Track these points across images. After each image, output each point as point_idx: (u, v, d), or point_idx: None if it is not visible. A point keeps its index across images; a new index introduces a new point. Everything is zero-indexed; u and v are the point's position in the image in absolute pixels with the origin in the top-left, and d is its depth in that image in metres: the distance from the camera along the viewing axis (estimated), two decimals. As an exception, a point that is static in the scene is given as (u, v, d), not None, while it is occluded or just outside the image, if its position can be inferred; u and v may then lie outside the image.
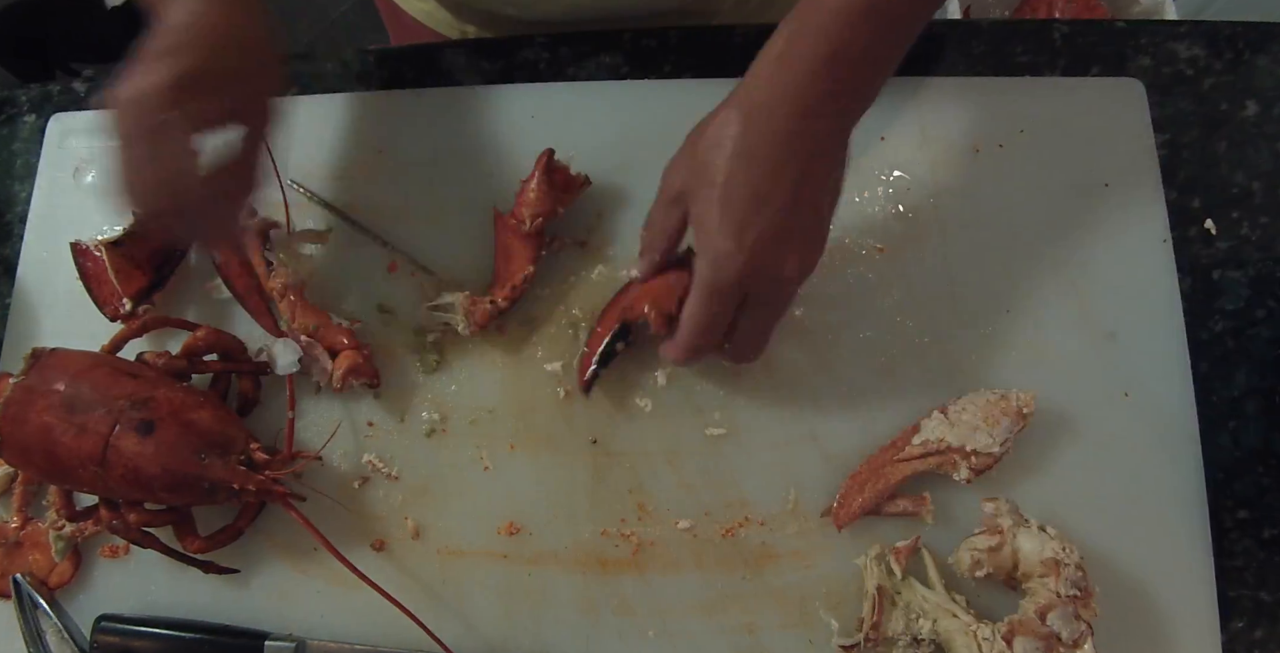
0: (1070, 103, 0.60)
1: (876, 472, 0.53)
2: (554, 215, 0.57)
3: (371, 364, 0.57)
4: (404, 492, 0.57)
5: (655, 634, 0.53)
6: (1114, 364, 0.56)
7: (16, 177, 0.68)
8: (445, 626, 0.53)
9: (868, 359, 0.56)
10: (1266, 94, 0.61)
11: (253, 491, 0.52)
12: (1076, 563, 0.48)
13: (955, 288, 0.57)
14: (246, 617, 0.55)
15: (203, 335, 0.57)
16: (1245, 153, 0.60)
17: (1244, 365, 0.57)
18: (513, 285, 0.57)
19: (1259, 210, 0.59)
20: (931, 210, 0.59)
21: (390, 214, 0.61)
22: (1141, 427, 0.55)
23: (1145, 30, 0.63)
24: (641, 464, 0.56)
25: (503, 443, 0.57)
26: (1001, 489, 0.53)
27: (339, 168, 0.62)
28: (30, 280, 0.64)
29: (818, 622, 0.52)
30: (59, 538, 0.55)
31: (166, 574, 0.57)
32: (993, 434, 0.51)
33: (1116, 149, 0.59)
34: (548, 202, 0.56)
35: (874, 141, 0.60)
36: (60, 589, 0.57)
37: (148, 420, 0.51)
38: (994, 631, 0.47)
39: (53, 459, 0.51)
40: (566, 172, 0.57)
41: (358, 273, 0.61)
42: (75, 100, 0.69)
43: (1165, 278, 0.57)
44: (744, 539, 0.54)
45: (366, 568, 0.52)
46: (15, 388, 0.52)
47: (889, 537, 0.53)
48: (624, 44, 0.65)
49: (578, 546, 0.55)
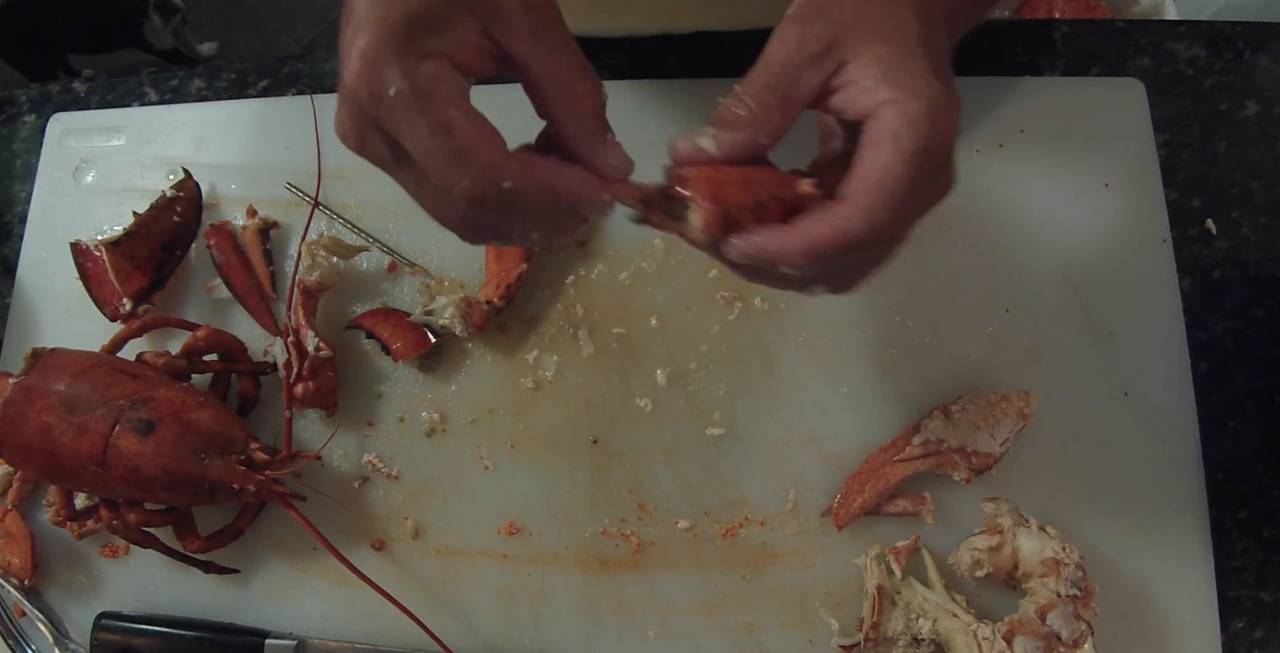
0: (1070, 103, 0.60)
1: (876, 472, 0.53)
2: None
3: (327, 394, 0.57)
4: (404, 492, 0.57)
5: (655, 634, 0.53)
6: (1114, 364, 0.56)
7: (16, 177, 0.68)
8: (445, 625, 0.53)
9: (868, 359, 0.56)
10: (1266, 94, 0.61)
11: (253, 490, 0.52)
12: (1076, 563, 0.48)
13: (955, 288, 0.57)
14: (247, 616, 0.55)
15: (203, 335, 0.57)
16: (1245, 153, 0.60)
17: (1244, 365, 0.57)
18: (507, 284, 0.57)
19: (1259, 210, 0.59)
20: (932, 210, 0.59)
21: (389, 214, 0.61)
22: (1141, 427, 0.55)
23: (1145, 30, 0.63)
24: (641, 464, 0.56)
25: (503, 443, 0.57)
26: (1001, 489, 0.53)
27: (338, 168, 0.62)
28: (30, 280, 0.64)
29: (818, 622, 0.52)
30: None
31: (166, 574, 0.57)
32: (993, 434, 0.51)
33: (1116, 149, 0.59)
34: None
35: (874, 141, 0.60)
36: (32, 580, 0.57)
37: (148, 420, 0.51)
38: (994, 631, 0.47)
39: (53, 459, 0.51)
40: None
41: (358, 273, 0.61)
42: (75, 100, 0.69)
43: (1165, 278, 0.57)
44: (744, 539, 0.54)
45: (366, 568, 0.52)
46: (15, 388, 0.52)
47: (889, 537, 0.53)
48: (624, 44, 0.65)
49: (578, 545, 0.55)
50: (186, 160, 0.64)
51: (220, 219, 0.62)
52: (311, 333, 0.56)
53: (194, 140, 0.65)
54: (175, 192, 0.60)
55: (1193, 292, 0.58)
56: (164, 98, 0.69)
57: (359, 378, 0.59)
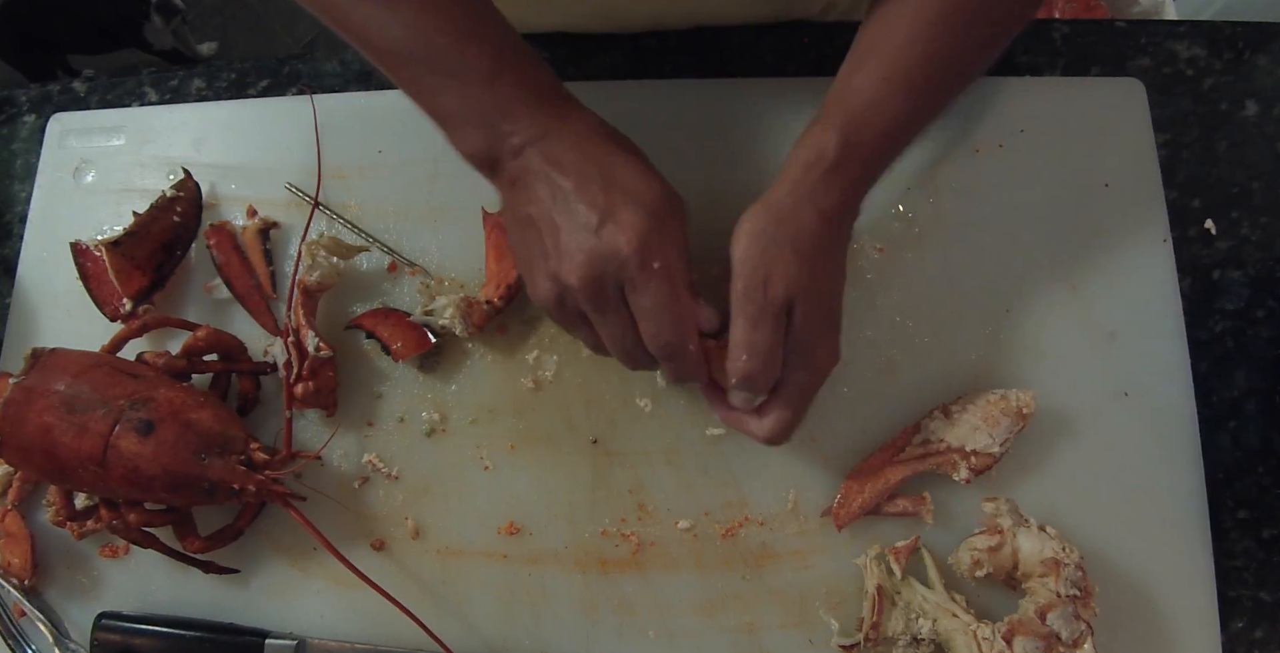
0: (1070, 103, 0.60)
1: (876, 472, 0.53)
2: None
3: (327, 395, 0.57)
4: (404, 492, 0.57)
5: (655, 634, 0.53)
6: (1114, 364, 0.56)
7: (16, 177, 0.68)
8: (445, 625, 0.53)
9: (868, 359, 0.56)
10: (1266, 94, 0.61)
11: (253, 490, 0.52)
12: (1076, 563, 0.48)
13: (955, 288, 0.57)
14: (247, 616, 0.55)
15: (203, 335, 0.57)
16: (1245, 153, 0.60)
17: (1244, 365, 0.57)
18: (507, 285, 0.57)
19: (1259, 210, 0.59)
20: (931, 210, 0.59)
21: (389, 214, 0.61)
22: (1141, 427, 0.55)
23: (1145, 30, 0.63)
24: (641, 464, 0.56)
25: (503, 443, 0.57)
26: (1001, 489, 0.53)
27: (338, 168, 0.62)
28: (30, 280, 0.64)
29: (818, 622, 0.52)
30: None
31: (166, 574, 0.57)
32: (993, 434, 0.51)
33: (1116, 149, 0.59)
34: None
35: (874, 141, 0.60)
36: (32, 579, 0.57)
37: (148, 420, 0.51)
38: (994, 631, 0.47)
39: (53, 459, 0.51)
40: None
41: (357, 273, 0.61)
42: (75, 100, 0.69)
43: (1165, 278, 0.57)
44: (744, 539, 0.54)
45: (366, 568, 0.52)
46: (15, 388, 0.52)
47: (889, 537, 0.53)
48: (624, 44, 0.65)
49: (578, 545, 0.55)
50: (186, 160, 0.64)
51: (220, 219, 0.62)
52: (311, 333, 0.56)
53: (194, 140, 0.65)
54: (175, 192, 0.60)
55: (1193, 292, 0.58)
56: (164, 98, 0.69)
57: (359, 378, 0.59)
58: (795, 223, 0.45)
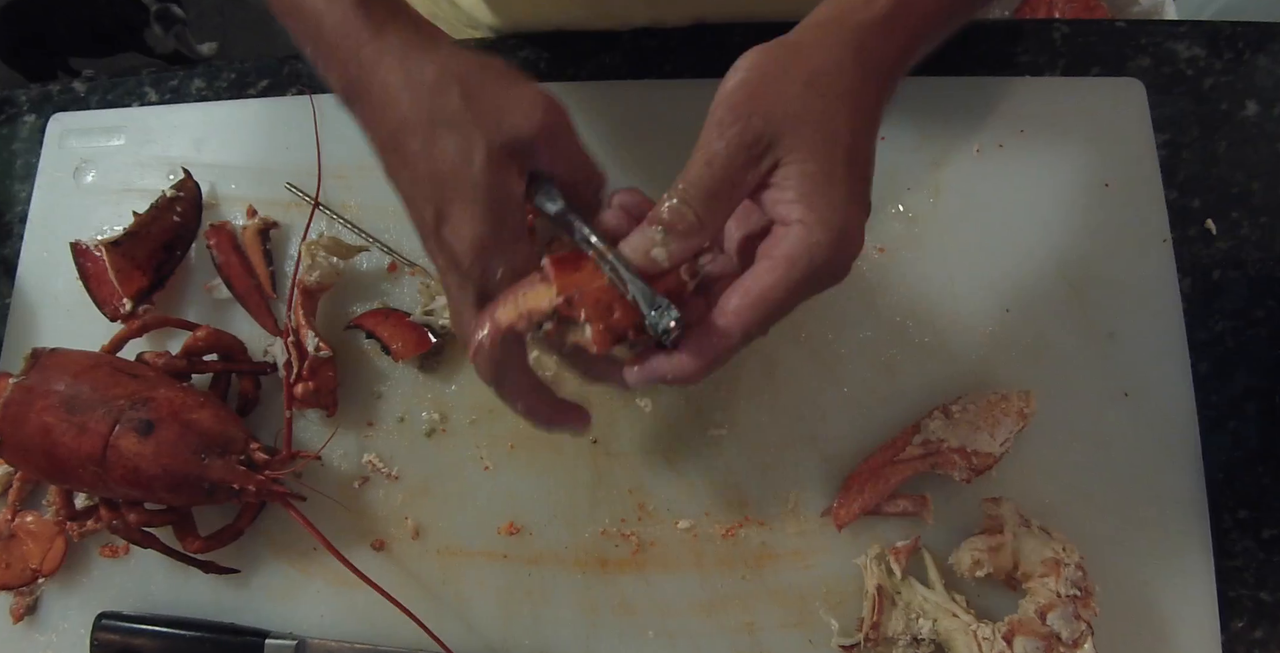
0: (1070, 103, 0.60)
1: (876, 472, 0.53)
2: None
3: (327, 395, 0.57)
4: (404, 492, 0.57)
5: (655, 634, 0.53)
6: (1114, 364, 0.56)
7: (16, 177, 0.68)
8: (445, 626, 0.53)
9: (868, 359, 0.56)
10: (1266, 94, 0.61)
11: (253, 490, 0.52)
12: (1076, 563, 0.48)
13: (955, 288, 0.57)
14: (247, 616, 0.55)
15: (203, 335, 0.57)
16: (1245, 153, 0.60)
17: (1244, 365, 0.57)
18: (510, 285, 0.57)
19: (1259, 210, 0.59)
20: (931, 210, 0.59)
21: (389, 214, 0.61)
22: (1141, 427, 0.55)
23: (1145, 30, 0.63)
24: (641, 464, 0.56)
25: (503, 443, 0.57)
26: (1001, 489, 0.53)
27: (338, 168, 0.62)
28: (30, 280, 0.64)
29: (818, 622, 0.52)
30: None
31: (166, 574, 0.57)
32: (993, 434, 0.51)
33: (1116, 149, 0.59)
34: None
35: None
36: (52, 576, 0.56)
37: (148, 420, 0.51)
38: (994, 631, 0.47)
39: (53, 459, 0.51)
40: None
41: (357, 273, 0.61)
42: (75, 100, 0.69)
43: (1165, 278, 0.57)
44: (744, 539, 0.54)
45: (366, 568, 0.52)
46: (15, 388, 0.52)
47: (889, 537, 0.53)
48: (624, 44, 0.65)
49: (578, 545, 0.55)
50: (186, 160, 0.64)
51: (220, 219, 0.62)
52: (311, 333, 0.56)
53: (194, 140, 0.65)
54: (175, 192, 0.60)
55: (1193, 292, 0.58)
56: (164, 98, 0.69)
57: (359, 378, 0.59)
58: (818, 58, 0.36)
